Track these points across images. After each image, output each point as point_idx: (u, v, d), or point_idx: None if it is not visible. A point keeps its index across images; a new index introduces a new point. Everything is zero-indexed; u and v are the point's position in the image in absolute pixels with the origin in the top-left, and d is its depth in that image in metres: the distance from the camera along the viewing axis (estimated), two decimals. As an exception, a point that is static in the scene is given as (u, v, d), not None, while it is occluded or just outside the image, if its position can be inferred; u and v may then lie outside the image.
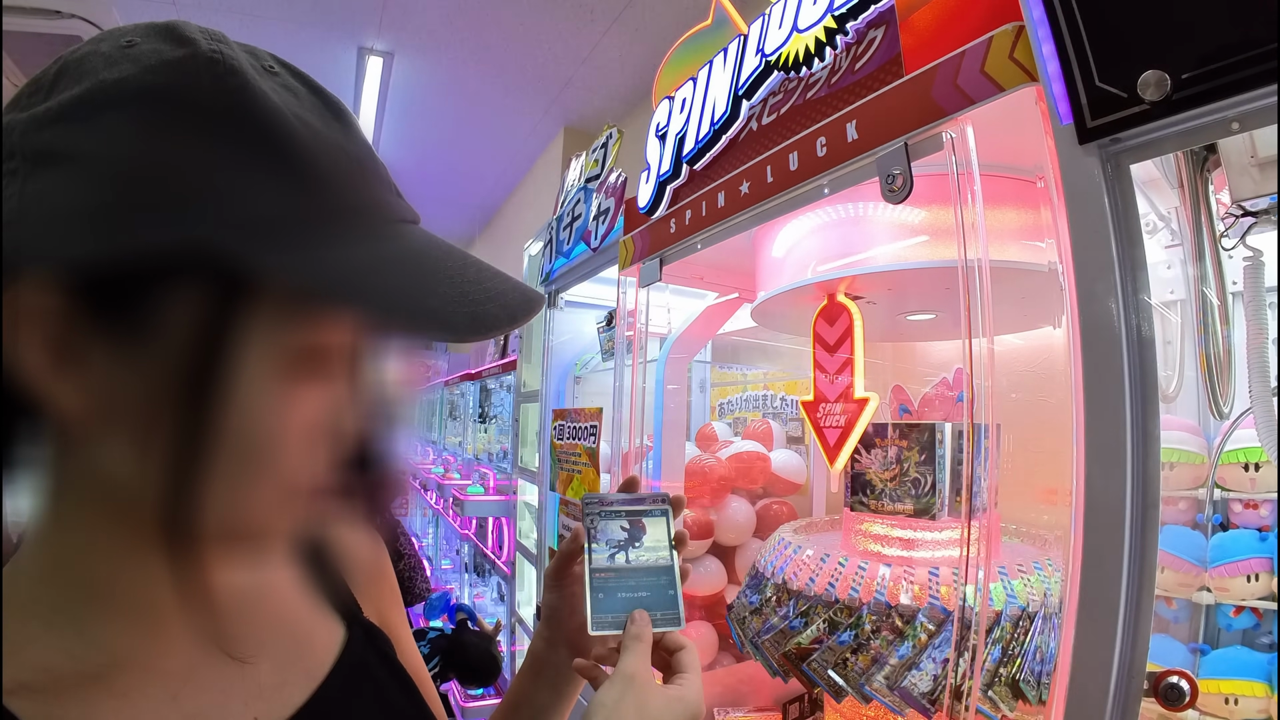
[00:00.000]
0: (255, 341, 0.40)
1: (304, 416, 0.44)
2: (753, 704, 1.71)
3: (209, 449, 0.40)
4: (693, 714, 0.61)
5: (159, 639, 0.47)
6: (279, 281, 0.39)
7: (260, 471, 0.43)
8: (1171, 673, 0.69)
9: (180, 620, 0.47)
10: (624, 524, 0.70)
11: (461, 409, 5.18)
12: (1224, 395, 0.97)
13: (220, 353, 0.39)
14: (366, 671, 0.59)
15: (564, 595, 0.75)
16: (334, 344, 0.46)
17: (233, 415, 0.40)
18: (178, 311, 0.39)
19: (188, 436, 0.39)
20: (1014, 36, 0.81)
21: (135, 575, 0.45)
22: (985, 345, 0.84)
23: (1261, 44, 0.60)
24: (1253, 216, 0.90)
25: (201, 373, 0.39)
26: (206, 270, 0.38)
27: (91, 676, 0.43)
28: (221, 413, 0.40)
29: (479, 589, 4.20)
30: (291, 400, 0.43)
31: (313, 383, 0.44)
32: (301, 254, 0.40)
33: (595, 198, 2.01)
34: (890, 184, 0.92)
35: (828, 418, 1.19)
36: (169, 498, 0.40)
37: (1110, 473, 0.68)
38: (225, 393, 0.40)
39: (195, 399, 0.39)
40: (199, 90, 0.39)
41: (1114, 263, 0.69)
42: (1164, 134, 0.68)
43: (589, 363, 2.60)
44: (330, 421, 0.46)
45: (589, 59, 3.67)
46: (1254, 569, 0.99)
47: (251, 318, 0.40)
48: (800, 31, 1.11)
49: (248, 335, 0.40)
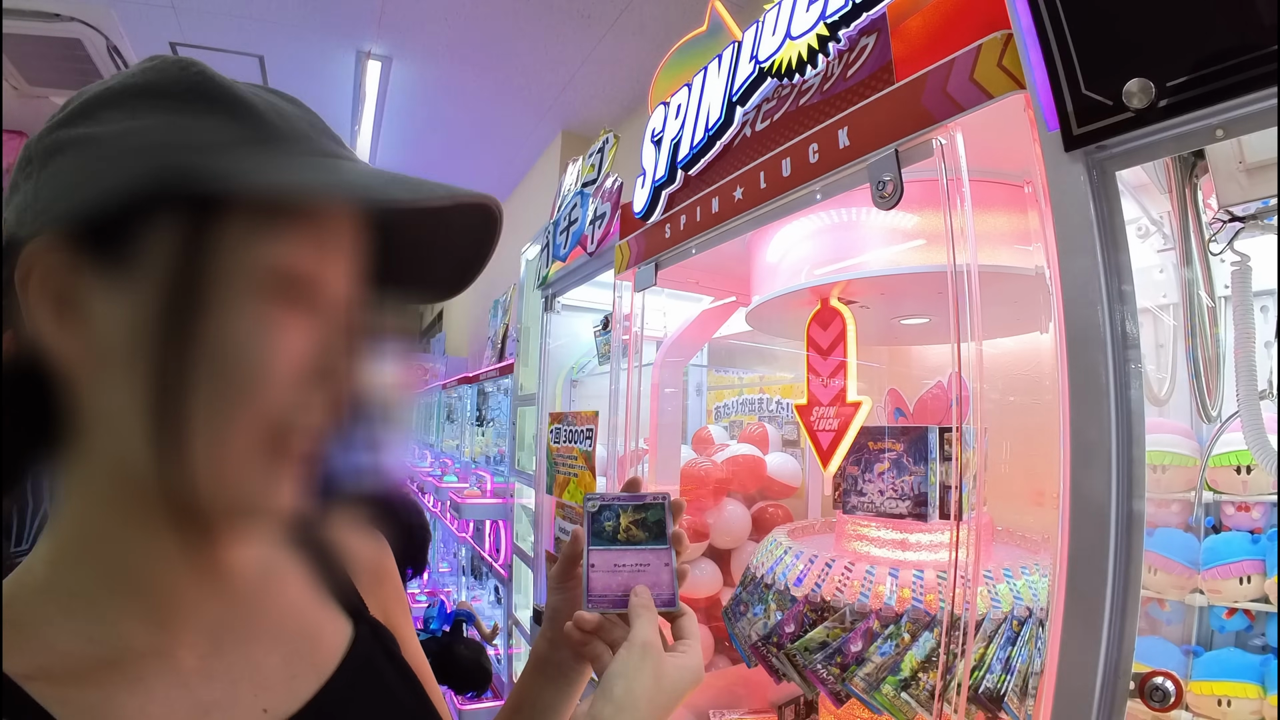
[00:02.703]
0: (227, 261, 0.43)
1: (288, 346, 0.45)
2: (749, 706, 1.72)
3: (193, 372, 0.42)
4: (697, 679, 0.62)
5: (172, 628, 0.48)
6: (233, 192, 0.43)
7: (246, 398, 0.44)
8: (1157, 673, 0.69)
9: (193, 609, 0.49)
10: (624, 519, 0.71)
11: (459, 412, 5.18)
12: (1212, 399, 0.98)
13: (196, 272, 0.43)
14: (372, 667, 0.60)
15: (567, 597, 0.76)
16: (310, 272, 0.47)
17: (214, 337, 0.43)
18: (156, 241, 0.43)
19: (173, 360, 0.42)
20: (1003, 44, 0.82)
21: (147, 557, 0.47)
22: (974, 349, 0.85)
23: (1246, 52, 0.61)
24: (1240, 221, 0.91)
25: (180, 295, 0.43)
26: (174, 198, 0.42)
27: (108, 662, 0.44)
28: (203, 334, 0.42)
29: (476, 592, 4.20)
30: (273, 325, 0.45)
31: (296, 312, 0.46)
32: (249, 165, 0.44)
33: (591, 202, 2.02)
34: (881, 190, 0.93)
35: (821, 421, 1.20)
36: (159, 428, 0.42)
37: (1095, 475, 0.68)
38: (205, 314, 0.43)
39: (177, 322, 0.42)
40: (168, 79, 0.46)
41: (1099, 268, 0.70)
42: (1149, 141, 0.69)
43: (586, 366, 2.60)
44: (319, 360, 0.47)
45: (586, 63, 3.68)
46: (1246, 571, 0.99)
47: (220, 236, 0.43)
48: (793, 38, 1.12)
49: (219, 253, 0.43)
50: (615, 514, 0.72)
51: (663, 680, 0.59)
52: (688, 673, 0.61)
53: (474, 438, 4.41)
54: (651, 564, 0.69)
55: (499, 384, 3.86)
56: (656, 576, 0.68)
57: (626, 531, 0.71)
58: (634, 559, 0.69)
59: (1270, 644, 0.98)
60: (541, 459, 2.29)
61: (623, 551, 0.70)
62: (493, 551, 3.55)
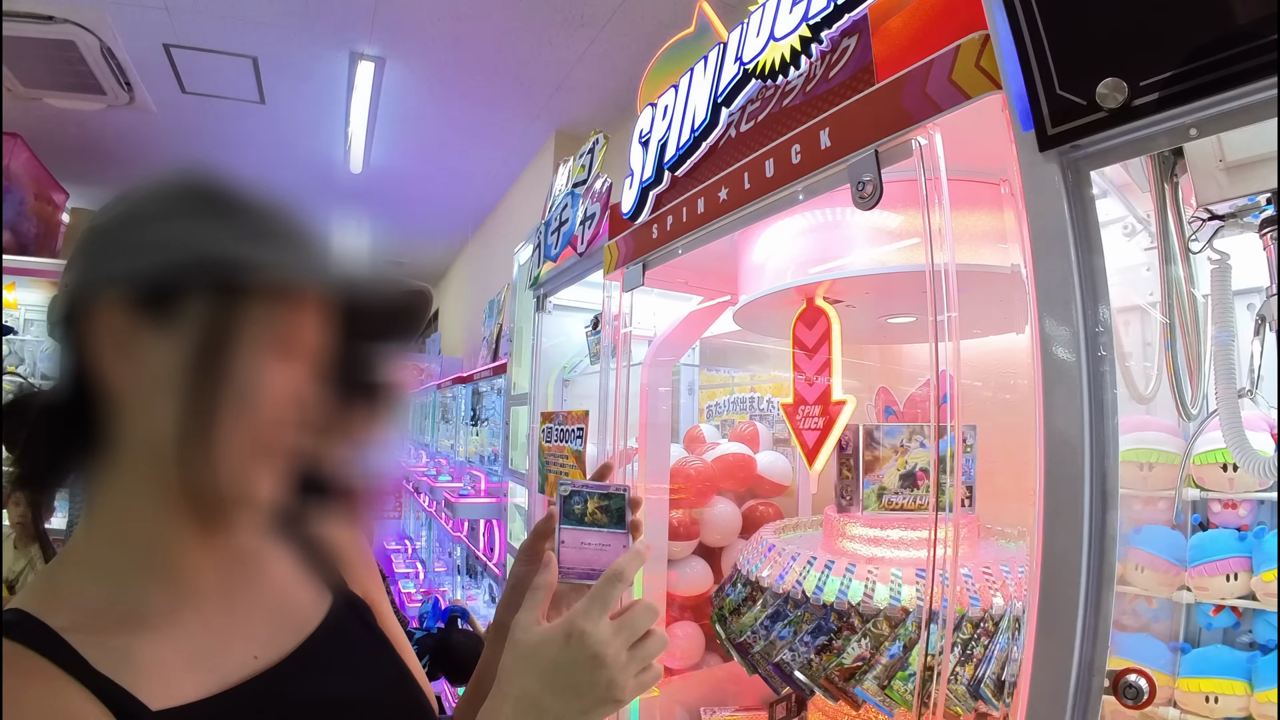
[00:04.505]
0: (240, 323, 0.60)
1: (276, 384, 0.61)
2: (738, 703, 1.72)
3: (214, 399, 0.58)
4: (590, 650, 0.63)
5: (183, 594, 0.62)
6: (248, 276, 0.59)
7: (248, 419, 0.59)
8: (1131, 670, 0.70)
9: (199, 580, 0.63)
10: (591, 504, 0.81)
11: (454, 412, 5.18)
12: (1193, 397, 0.98)
13: (219, 330, 0.59)
14: (348, 629, 0.74)
15: (532, 569, 0.79)
16: (298, 334, 0.63)
17: (230, 375, 0.59)
18: (192, 306, 0.59)
19: (201, 390, 0.58)
20: (980, 45, 0.82)
21: (167, 539, 0.61)
22: (951, 348, 0.86)
23: (1218, 50, 0.61)
24: (1219, 220, 0.91)
25: (208, 344, 0.59)
26: (209, 277, 0.59)
27: (129, 619, 0.57)
28: (223, 373, 0.58)
29: (471, 591, 4.20)
30: (267, 369, 0.60)
31: (284, 360, 0.62)
32: (256, 257, 0.60)
33: (582, 203, 2.02)
34: (861, 190, 0.93)
35: (806, 420, 1.21)
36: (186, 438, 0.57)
37: (1069, 472, 0.69)
38: (226, 360, 0.59)
39: (204, 363, 0.58)
40: (194, 189, 0.63)
41: (1073, 268, 0.70)
42: (1123, 140, 0.69)
43: (577, 366, 2.60)
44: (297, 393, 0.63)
45: (579, 64, 3.68)
46: (1233, 568, 1.00)
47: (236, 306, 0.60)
48: (777, 40, 1.13)
49: (234, 318, 0.60)
50: (584, 499, 0.80)
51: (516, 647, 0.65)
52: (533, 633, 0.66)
53: (468, 437, 4.41)
54: (611, 545, 0.79)
55: (493, 384, 3.85)
56: (615, 556, 0.77)
57: (593, 515, 0.80)
58: (598, 539, 0.79)
59: (1257, 640, 0.99)
60: (533, 458, 2.29)
61: (588, 531, 0.79)
62: (487, 551, 3.56)
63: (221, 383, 0.59)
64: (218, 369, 0.59)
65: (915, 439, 1.18)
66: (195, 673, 0.58)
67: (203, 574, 0.64)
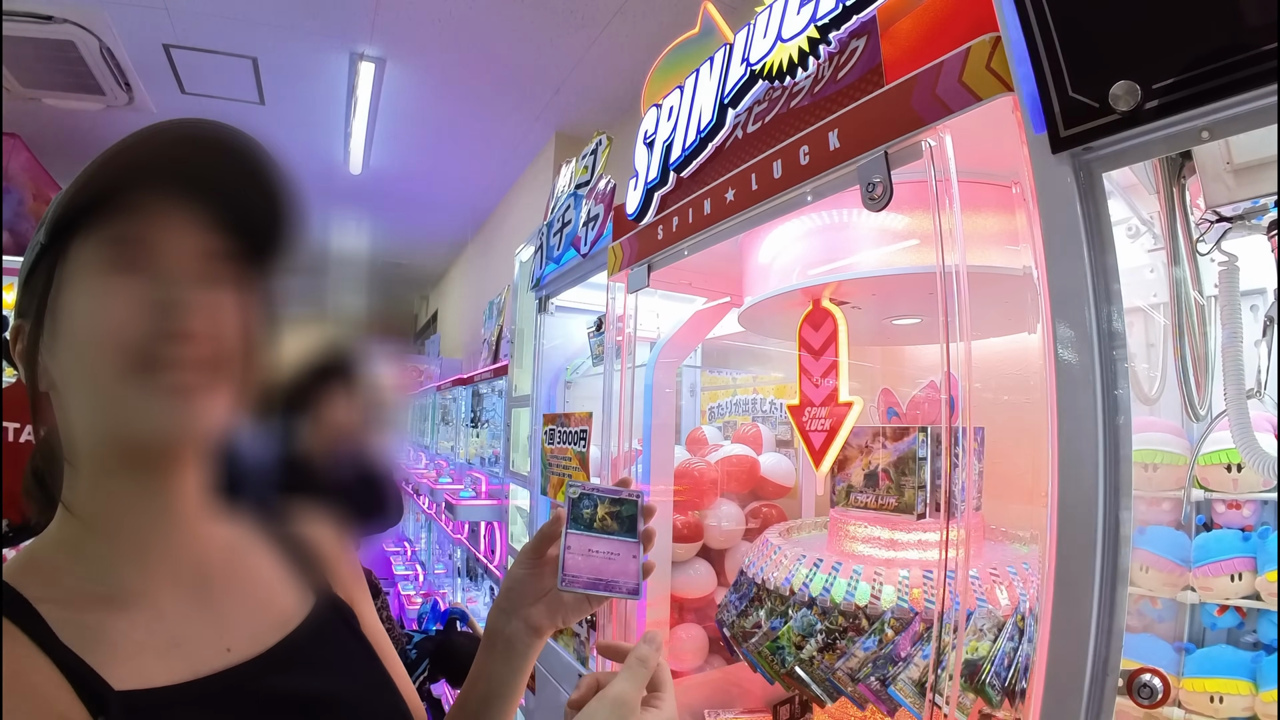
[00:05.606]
0: (72, 255, 0.59)
1: (129, 296, 0.58)
2: (743, 706, 1.72)
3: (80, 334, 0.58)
4: None
5: (155, 575, 0.62)
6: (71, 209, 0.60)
7: (114, 340, 0.57)
8: (1145, 670, 0.70)
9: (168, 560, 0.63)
10: (601, 509, 0.77)
11: (454, 414, 5.17)
12: (1201, 398, 0.98)
13: (61, 266, 0.59)
14: (328, 629, 0.73)
15: (532, 573, 0.79)
16: (136, 245, 0.60)
17: (78, 306, 0.58)
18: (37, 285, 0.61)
19: (68, 330, 0.58)
20: (991, 47, 0.82)
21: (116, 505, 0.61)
22: (963, 349, 0.86)
23: (1232, 54, 0.61)
24: (1228, 222, 0.91)
25: (58, 283, 0.59)
26: (53, 224, 0.60)
27: (102, 598, 0.58)
28: (74, 306, 0.58)
29: (471, 593, 4.19)
30: (111, 285, 0.58)
31: (125, 273, 0.59)
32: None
33: (585, 204, 2.02)
34: (870, 192, 0.93)
35: (813, 421, 1.21)
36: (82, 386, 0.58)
37: (1082, 473, 0.69)
38: (73, 292, 0.58)
39: (62, 304, 0.59)
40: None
41: (1086, 269, 0.71)
42: (1135, 143, 0.70)
43: (580, 367, 2.60)
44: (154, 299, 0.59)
45: (580, 65, 3.68)
46: (1237, 568, 1.00)
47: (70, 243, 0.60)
48: (784, 41, 1.13)
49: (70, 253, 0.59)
50: (594, 503, 0.76)
51: None
52: None
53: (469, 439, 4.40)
54: (621, 554, 0.74)
55: (493, 385, 3.85)
56: (624, 566, 0.74)
57: (602, 521, 0.76)
58: (606, 547, 0.75)
59: (1261, 640, 0.99)
60: (536, 460, 2.29)
61: (597, 539, 0.75)
62: (488, 553, 3.55)
63: (77, 314, 0.58)
64: (68, 303, 0.59)
65: (879, 440, 1.19)
66: (164, 658, 0.58)
67: (178, 559, 0.64)
